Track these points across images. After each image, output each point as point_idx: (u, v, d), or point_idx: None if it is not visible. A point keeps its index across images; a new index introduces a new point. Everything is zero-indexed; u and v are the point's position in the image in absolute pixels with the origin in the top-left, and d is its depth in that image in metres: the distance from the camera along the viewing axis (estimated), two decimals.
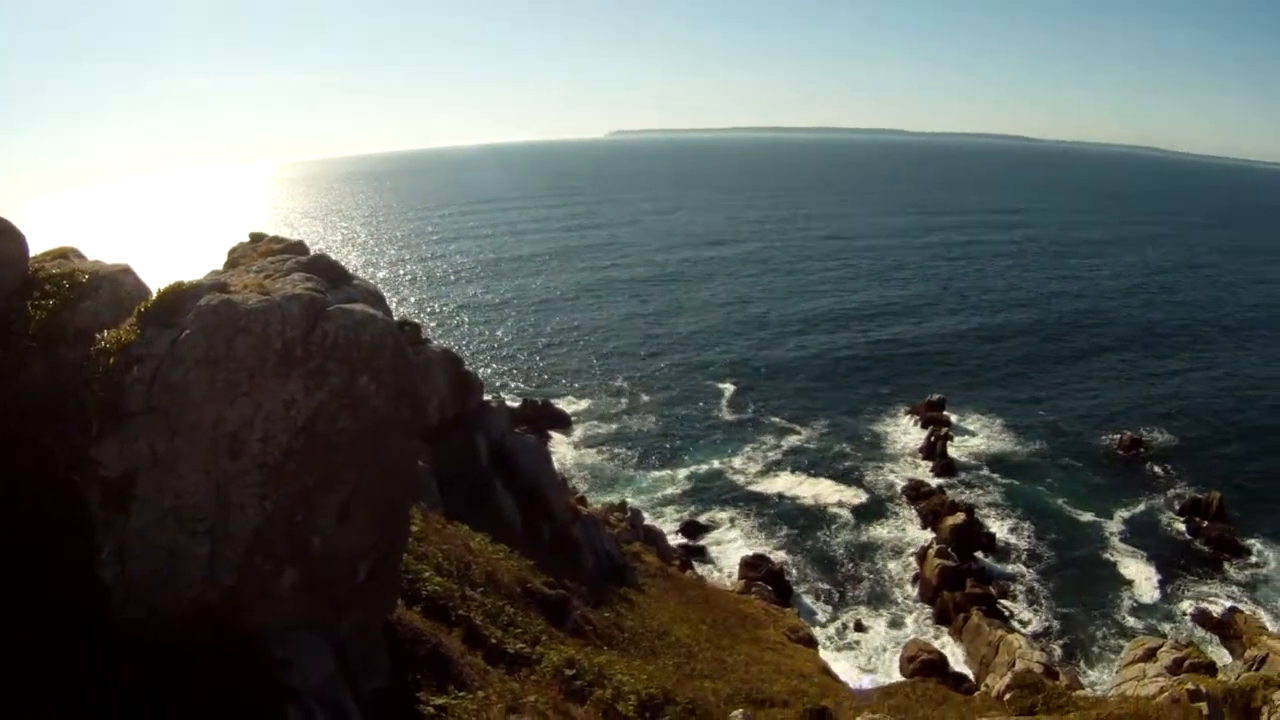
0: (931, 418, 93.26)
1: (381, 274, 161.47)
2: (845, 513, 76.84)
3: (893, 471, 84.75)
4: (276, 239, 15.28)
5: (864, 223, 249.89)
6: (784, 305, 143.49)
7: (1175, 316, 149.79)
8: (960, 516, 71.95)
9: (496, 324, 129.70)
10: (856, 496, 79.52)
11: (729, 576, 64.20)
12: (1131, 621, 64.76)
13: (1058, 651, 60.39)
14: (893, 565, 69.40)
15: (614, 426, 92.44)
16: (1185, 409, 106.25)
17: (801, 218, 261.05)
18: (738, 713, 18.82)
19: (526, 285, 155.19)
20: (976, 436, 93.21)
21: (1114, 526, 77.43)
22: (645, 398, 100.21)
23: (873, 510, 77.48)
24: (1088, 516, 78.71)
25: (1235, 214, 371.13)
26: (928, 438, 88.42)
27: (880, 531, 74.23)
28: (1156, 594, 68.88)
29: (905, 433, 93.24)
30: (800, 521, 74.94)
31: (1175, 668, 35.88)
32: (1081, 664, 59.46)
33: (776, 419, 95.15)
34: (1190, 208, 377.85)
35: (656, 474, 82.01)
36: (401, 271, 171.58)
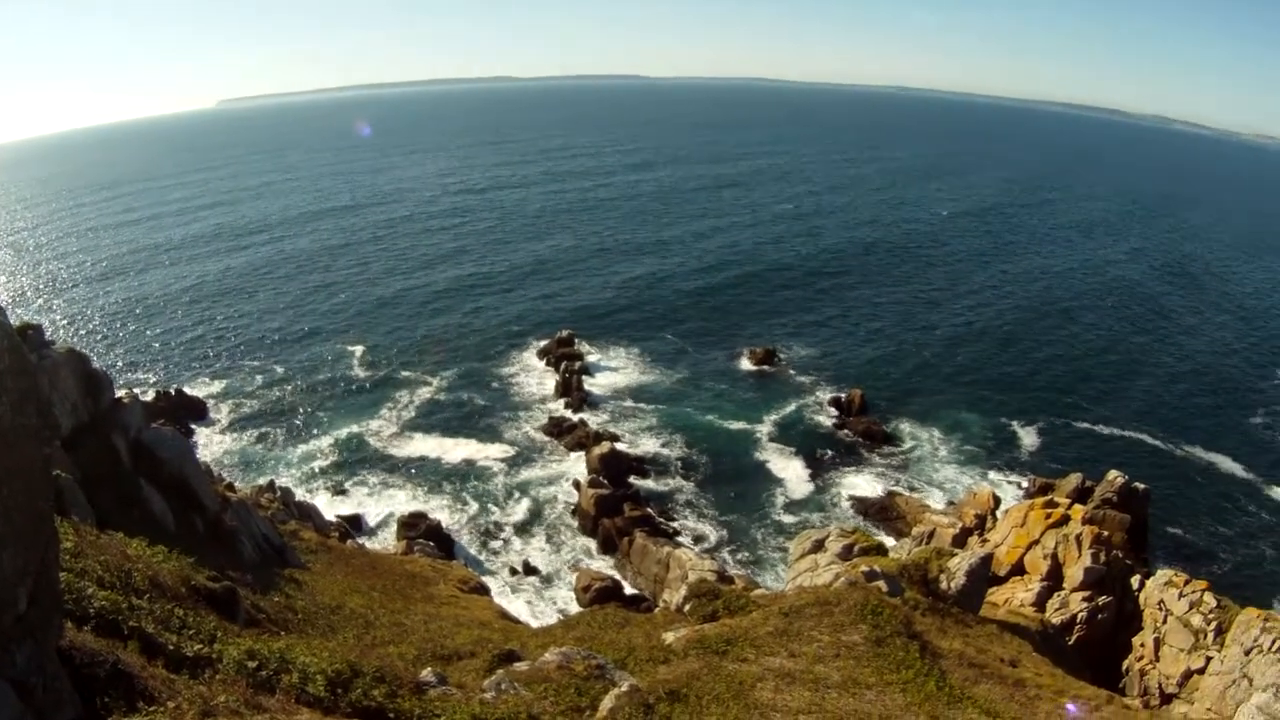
0: (563, 354, 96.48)
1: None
2: (492, 457, 78.42)
3: (532, 411, 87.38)
4: None
5: (489, 174, 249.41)
6: (408, 263, 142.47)
7: (798, 241, 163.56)
8: (606, 445, 75.18)
9: (122, 319, 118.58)
10: (500, 440, 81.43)
11: (389, 540, 63.75)
12: (795, 518, 70.98)
13: (729, 557, 64.93)
14: (548, 502, 71.75)
15: (254, 405, 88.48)
16: (818, 322, 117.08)
17: (424, 175, 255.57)
18: (427, 671, 18.88)
19: (149, 277, 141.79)
20: (614, 370, 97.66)
21: (765, 432, 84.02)
22: (280, 370, 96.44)
23: (518, 451, 79.63)
24: (737, 427, 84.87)
25: (868, 137, 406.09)
26: (562, 374, 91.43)
27: (530, 471, 76.37)
28: (814, 488, 75.86)
29: (539, 372, 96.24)
30: (450, 473, 75.83)
31: (846, 554, 38.70)
32: (754, 566, 64.11)
33: (410, 374, 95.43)
34: (816, 135, 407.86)
35: (302, 448, 79.57)
36: (14, 273, 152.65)
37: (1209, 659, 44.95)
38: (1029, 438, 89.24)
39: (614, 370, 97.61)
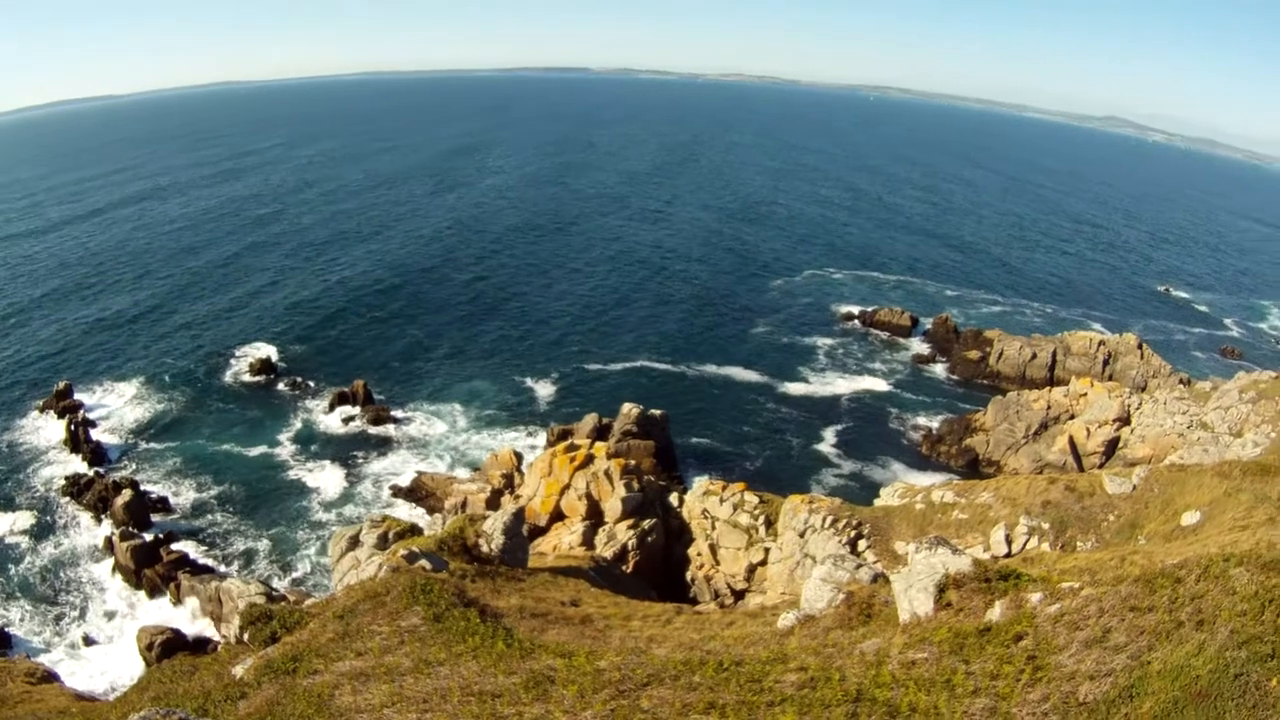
0: (65, 407, 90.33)
1: None
2: (17, 531, 72.13)
3: (47, 473, 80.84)
4: None
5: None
6: None
7: (273, 246, 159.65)
8: (128, 494, 72.52)
9: None
10: (21, 510, 75.06)
11: None
12: (332, 518, 72.63)
13: (277, 575, 65.62)
14: (86, 566, 67.99)
15: None
16: (313, 324, 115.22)
17: None
18: None
19: None
20: (120, 411, 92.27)
21: (284, 448, 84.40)
22: None
23: (42, 520, 73.86)
24: (252, 443, 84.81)
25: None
26: (68, 428, 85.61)
27: (60, 538, 71.47)
28: (344, 487, 78.03)
29: (44, 431, 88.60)
30: None
31: (382, 543, 40.45)
32: (304, 578, 65.24)
33: None
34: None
35: None
36: None
37: (767, 550, 51.05)
38: (544, 391, 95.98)
39: (121, 412, 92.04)
